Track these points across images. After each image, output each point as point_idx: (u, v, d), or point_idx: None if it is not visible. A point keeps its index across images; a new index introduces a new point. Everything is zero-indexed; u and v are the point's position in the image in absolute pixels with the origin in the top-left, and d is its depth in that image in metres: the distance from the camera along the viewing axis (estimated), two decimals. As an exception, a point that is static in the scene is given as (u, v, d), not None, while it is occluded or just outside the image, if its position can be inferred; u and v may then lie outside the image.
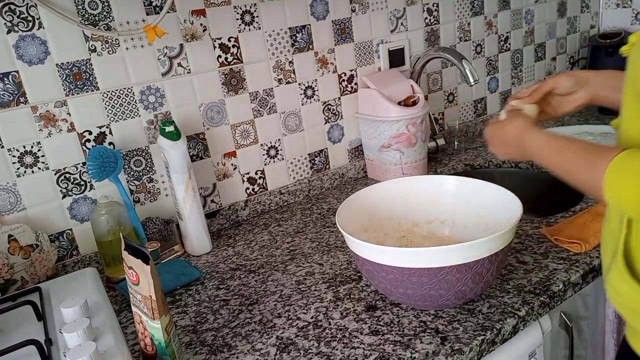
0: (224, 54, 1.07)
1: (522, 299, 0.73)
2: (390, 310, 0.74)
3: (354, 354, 0.66)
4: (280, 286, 0.85)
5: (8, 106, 0.87)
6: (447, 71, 1.46)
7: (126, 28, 0.95)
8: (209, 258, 0.99)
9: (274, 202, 1.20)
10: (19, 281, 0.88)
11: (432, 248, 0.62)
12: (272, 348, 0.69)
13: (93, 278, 0.82)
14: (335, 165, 1.29)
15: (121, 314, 0.83)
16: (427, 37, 1.39)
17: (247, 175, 1.16)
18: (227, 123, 1.11)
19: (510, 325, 0.69)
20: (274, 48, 1.13)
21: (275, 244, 1.01)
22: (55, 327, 0.69)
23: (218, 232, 1.11)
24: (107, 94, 0.96)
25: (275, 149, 1.19)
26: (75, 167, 0.95)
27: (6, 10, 0.84)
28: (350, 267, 0.88)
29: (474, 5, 1.47)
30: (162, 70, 1.00)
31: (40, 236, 0.91)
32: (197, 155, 1.08)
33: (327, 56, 1.21)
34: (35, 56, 0.88)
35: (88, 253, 0.98)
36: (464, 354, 0.64)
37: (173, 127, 0.94)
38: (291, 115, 1.19)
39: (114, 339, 0.64)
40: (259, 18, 1.10)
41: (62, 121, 0.92)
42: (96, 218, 0.90)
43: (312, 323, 0.74)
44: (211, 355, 0.70)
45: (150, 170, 1.03)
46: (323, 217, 1.11)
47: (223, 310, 0.80)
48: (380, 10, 1.27)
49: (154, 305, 0.61)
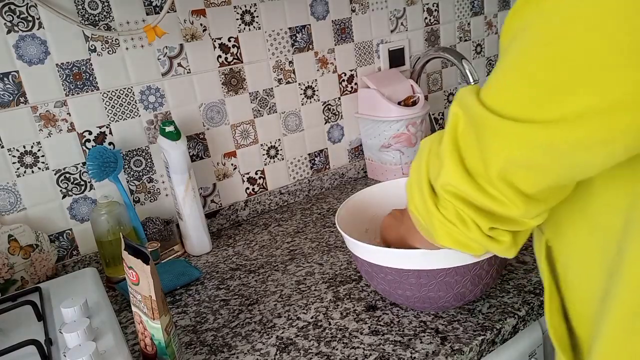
0: (224, 54, 1.07)
1: (522, 299, 0.73)
2: (390, 311, 0.74)
3: (354, 354, 0.66)
4: (280, 286, 0.85)
5: (8, 106, 0.87)
6: (447, 71, 1.46)
7: (126, 28, 0.95)
8: (209, 258, 0.99)
9: (274, 202, 1.20)
10: (19, 281, 0.88)
11: (431, 250, 0.62)
12: (272, 348, 0.69)
13: (93, 278, 0.82)
14: (335, 165, 1.29)
15: (121, 314, 0.83)
16: (427, 37, 1.39)
17: (247, 175, 1.16)
18: (227, 123, 1.11)
19: (510, 325, 0.69)
20: (274, 48, 1.13)
21: (275, 244, 1.01)
22: (55, 327, 0.69)
23: (218, 232, 1.11)
24: (107, 94, 0.96)
25: (275, 149, 1.19)
26: (75, 167, 0.95)
27: (6, 10, 0.84)
28: (350, 267, 0.88)
29: (474, 5, 1.47)
30: (162, 70, 1.00)
31: (40, 236, 0.91)
32: (197, 155, 1.08)
33: (327, 56, 1.21)
34: (35, 56, 0.88)
35: (88, 253, 0.98)
36: (464, 354, 0.64)
37: (173, 127, 0.94)
38: (291, 115, 1.19)
39: (114, 339, 0.64)
40: (259, 18, 1.10)
41: (62, 121, 0.92)
42: (96, 218, 0.90)
43: (312, 323, 0.74)
44: (211, 355, 0.70)
45: (150, 170, 1.03)
46: (323, 217, 1.11)
47: (223, 310, 0.80)
48: (380, 10, 1.27)
49: (154, 305, 0.61)
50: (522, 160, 0.40)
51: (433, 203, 0.49)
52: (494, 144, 0.41)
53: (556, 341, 0.54)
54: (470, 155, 0.44)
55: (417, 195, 0.52)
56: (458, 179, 0.45)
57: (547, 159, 0.39)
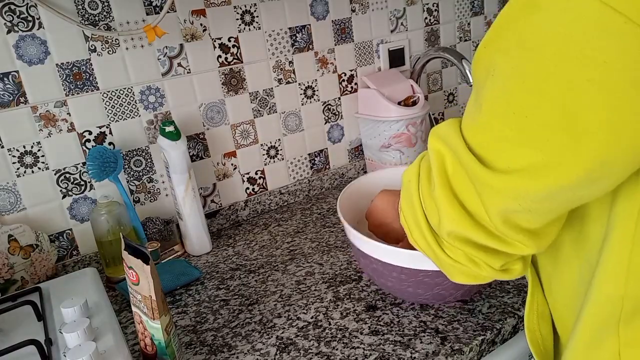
0: (224, 54, 1.07)
1: (522, 299, 0.73)
2: (390, 310, 0.74)
3: (354, 354, 0.66)
4: (280, 286, 0.85)
5: (8, 106, 0.87)
6: (447, 71, 1.46)
7: (126, 28, 0.95)
8: (209, 258, 0.99)
9: (274, 202, 1.20)
10: (19, 281, 0.88)
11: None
12: (272, 348, 0.69)
13: (93, 278, 0.82)
14: (335, 165, 1.29)
15: (121, 314, 0.83)
16: (427, 37, 1.39)
17: (247, 175, 1.16)
18: (227, 123, 1.11)
19: (510, 325, 0.69)
20: (274, 48, 1.13)
21: (275, 244, 1.01)
22: (55, 327, 0.69)
23: (218, 232, 1.11)
24: (107, 94, 0.96)
25: (275, 149, 1.19)
26: (75, 167, 0.95)
27: (6, 10, 0.84)
28: (350, 267, 0.88)
29: (474, 5, 1.47)
30: (162, 70, 1.00)
31: (40, 236, 0.91)
32: (197, 155, 1.08)
33: (327, 56, 1.21)
34: (35, 56, 0.88)
35: (88, 253, 0.98)
36: (464, 354, 0.64)
37: (173, 127, 0.94)
38: (291, 115, 1.19)
39: (114, 339, 0.64)
40: (259, 18, 1.10)
41: (62, 121, 0.92)
42: (96, 218, 0.90)
43: (312, 323, 0.74)
44: (211, 355, 0.70)
45: (150, 170, 1.03)
46: (323, 217, 1.11)
47: (223, 310, 0.80)
48: (380, 10, 1.27)
49: (154, 305, 0.61)
50: (519, 207, 0.40)
51: (438, 246, 0.49)
52: (489, 196, 0.41)
53: (531, 345, 0.55)
54: (469, 199, 0.44)
55: (418, 236, 0.51)
56: (464, 226, 0.44)
57: (542, 203, 0.39)
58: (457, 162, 0.43)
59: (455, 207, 0.44)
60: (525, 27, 0.35)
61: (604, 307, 0.42)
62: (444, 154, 0.45)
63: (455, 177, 0.44)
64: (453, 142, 0.43)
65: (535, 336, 0.55)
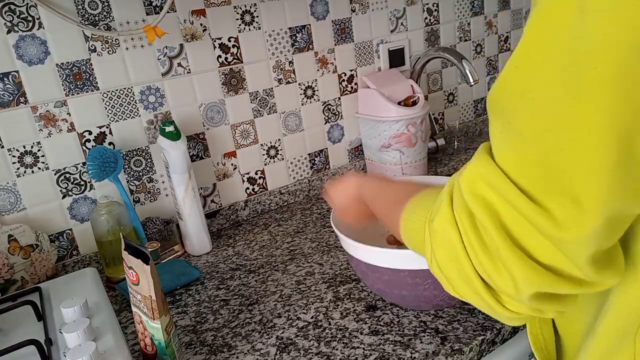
0: (224, 54, 1.07)
1: (522, 299, 0.73)
2: (390, 310, 0.74)
3: (354, 354, 0.66)
4: (280, 286, 0.85)
5: (8, 106, 0.87)
6: (447, 71, 1.46)
7: (126, 28, 0.95)
8: (209, 258, 0.99)
9: (274, 202, 1.20)
10: (19, 281, 0.88)
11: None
12: (272, 348, 0.69)
13: (93, 278, 0.82)
14: (335, 165, 1.29)
15: (121, 314, 0.83)
16: (427, 37, 1.39)
17: (247, 175, 1.16)
18: (227, 123, 1.11)
19: (510, 325, 0.69)
20: (274, 48, 1.13)
21: (275, 244, 1.01)
22: (55, 327, 0.69)
23: (218, 232, 1.11)
24: (107, 94, 0.96)
25: (275, 149, 1.19)
26: (75, 167, 0.95)
27: (6, 10, 0.84)
28: (350, 267, 0.88)
29: (474, 5, 1.47)
30: (162, 70, 1.00)
31: (40, 236, 0.91)
32: (197, 155, 1.08)
33: (327, 56, 1.21)
34: (35, 56, 0.88)
35: (88, 253, 0.98)
36: (464, 354, 0.64)
37: (173, 127, 0.94)
38: (291, 115, 1.19)
39: (114, 339, 0.64)
40: (259, 18, 1.10)
41: (62, 121, 0.92)
42: (96, 218, 0.90)
43: (312, 323, 0.74)
44: (211, 355, 0.70)
45: (150, 170, 1.03)
46: (323, 217, 1.11)
47: (223, 310, 0.80)
48: (380, 10, 1.27)
49: (154, 305, 0.61)
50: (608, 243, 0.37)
51: (497, 302, 0.42)
52: (573, 249, 0.36)
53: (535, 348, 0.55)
54: (548, 256, 0.37)
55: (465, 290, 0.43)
56: (549, 284, 0.38)
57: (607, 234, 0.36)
58: (519, 216, 0.37)
59: (534, 268, 0.38)
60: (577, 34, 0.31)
61: (623, 316, 0.41)
62: (497, 207, 0.38)
63: (524, 235, 0.37)
64: (502, 188, 0.37)
65: (538, 340, 0.54)
